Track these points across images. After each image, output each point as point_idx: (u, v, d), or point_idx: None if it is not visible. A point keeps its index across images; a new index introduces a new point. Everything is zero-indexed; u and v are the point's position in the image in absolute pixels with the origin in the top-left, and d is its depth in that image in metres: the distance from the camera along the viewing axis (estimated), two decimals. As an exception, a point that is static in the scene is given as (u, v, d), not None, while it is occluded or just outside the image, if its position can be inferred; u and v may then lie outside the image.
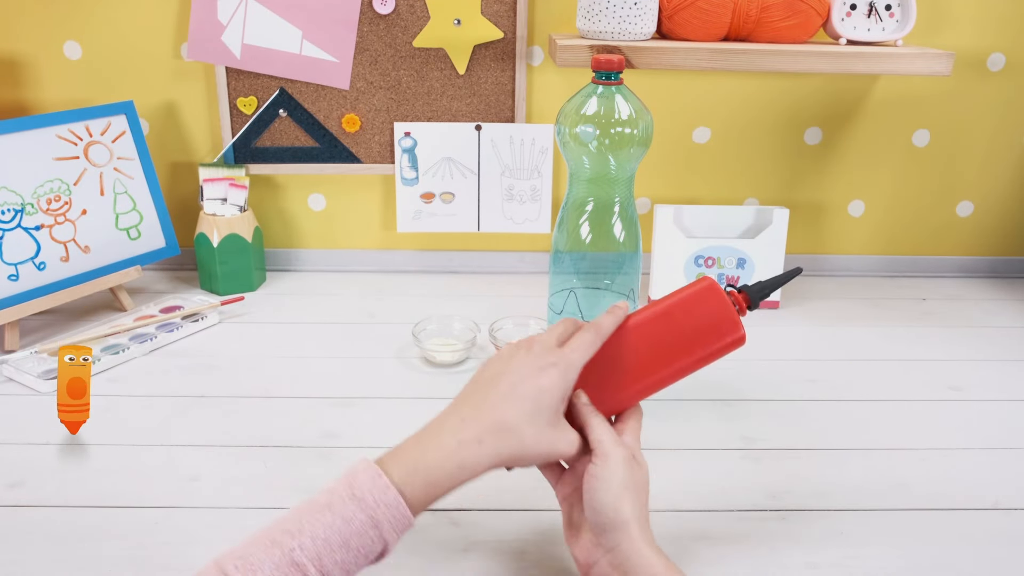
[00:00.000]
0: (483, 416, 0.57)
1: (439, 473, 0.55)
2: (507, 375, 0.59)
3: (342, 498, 0.52)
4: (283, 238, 1.28)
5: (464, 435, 0.56)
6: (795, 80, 1.20)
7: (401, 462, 0.55)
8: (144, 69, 1.18)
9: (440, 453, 0.55)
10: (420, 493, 0.54)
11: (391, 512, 0.53)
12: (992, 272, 1.32)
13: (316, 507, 0.52)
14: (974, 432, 0.86)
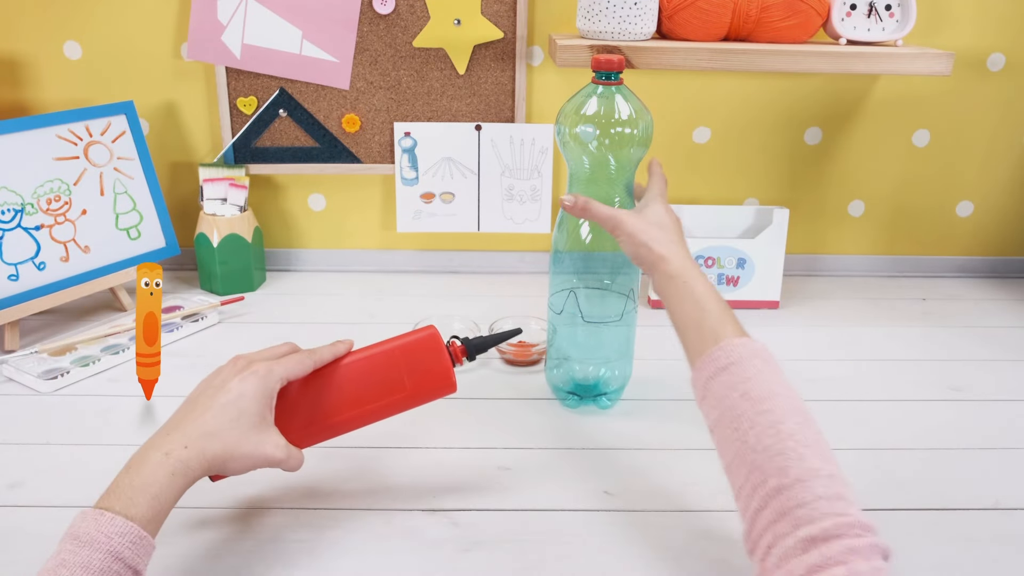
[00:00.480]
0: (186, 426, 0.60)
1: (156, 486, 0.56)
2: (210, 388, 0.64)
3: (72, 551, 0.51)
4: (283, 238, 1.28)
5: (169, 446, 0.59)
6: (795, 80, 1.20)
7: (116, 493, 0.55)
8: (144, 69, 1.18)
9: (150, 468, 0.57)
10: (147, 511, 0.55)
11: (127, 539, 0.52)
12: (992, 272, 1.32)
13: (49, 570, 0.51)
14: (974, 432, 0.86)
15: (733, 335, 0.65)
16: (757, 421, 0.58)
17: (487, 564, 0.66)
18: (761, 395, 0.59)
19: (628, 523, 0.71)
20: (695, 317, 0.68)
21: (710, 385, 0.63)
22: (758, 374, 0.61)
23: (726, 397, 0.61)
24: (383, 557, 0.66)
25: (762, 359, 0.63)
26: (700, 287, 0.69)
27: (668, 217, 0.77)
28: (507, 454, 0.81)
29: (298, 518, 0.71)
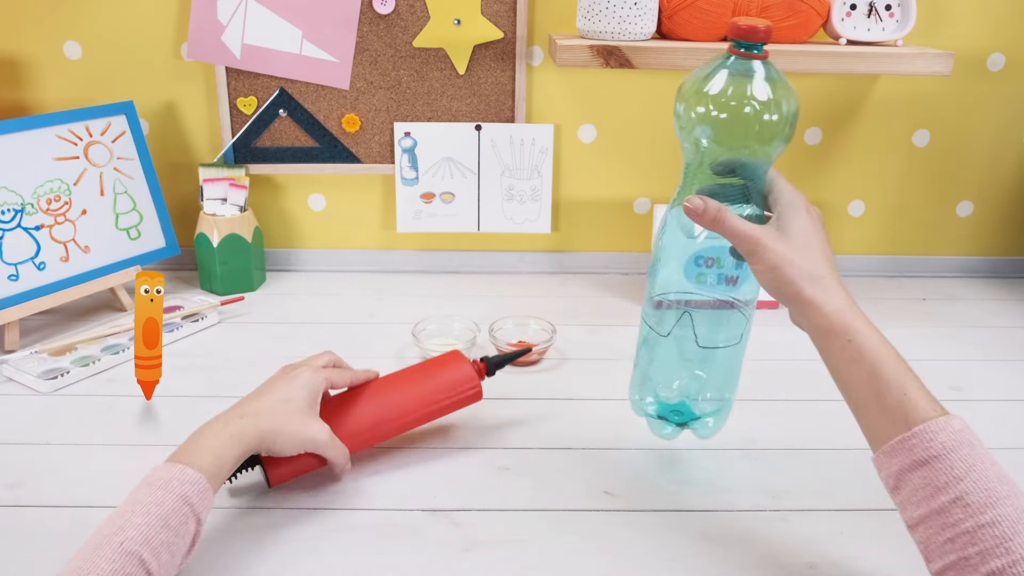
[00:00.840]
0: (243, 406, 0.70)
1: (217, 448, 0.65)
2: (263, 386, 0.73)
3: (147, 493, 0.59)
4: (283, 238, 1.28)
5: (228, 418, 0.68)
6: (795, 80, 1.20)
7: (182, 452, 0.64)
8: (144, 69, 1.18)
9: (212, 433, 0.67)
10: (209, 466, 0.63)
11: (194, 487, 0.60)
12: (992, 272, 1.32)
13: (126, 509, 0.58)
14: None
15: (926, 414, 0.55)
16: (980, 537, 0.50)
17: (487, 564, 0.66)
18: (981, 502, 0.50)
19: (628, 523, 0.71)
20: (871, 388, 0.57)
21: (906, 478, 0.54)
22: (970, 471, 0.52)
23: (932, 499, 0.52)
24: (383, 557, 0.66)
25: (969, 445, 0.53)
26: (870, 345, 0.57)
27: (816, 236, 0.62)
28: (507, 454, 0.81)
29: (298, 518, 0.71)
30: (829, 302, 0.60)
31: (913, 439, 0.54)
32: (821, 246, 0.62)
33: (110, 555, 0.54)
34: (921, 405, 0.55)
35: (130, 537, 0.55)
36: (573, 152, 1.24)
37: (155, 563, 0.55)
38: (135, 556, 0.54)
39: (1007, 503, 0.50)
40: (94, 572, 0.53)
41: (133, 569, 0.54)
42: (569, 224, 1.28)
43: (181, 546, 0.59)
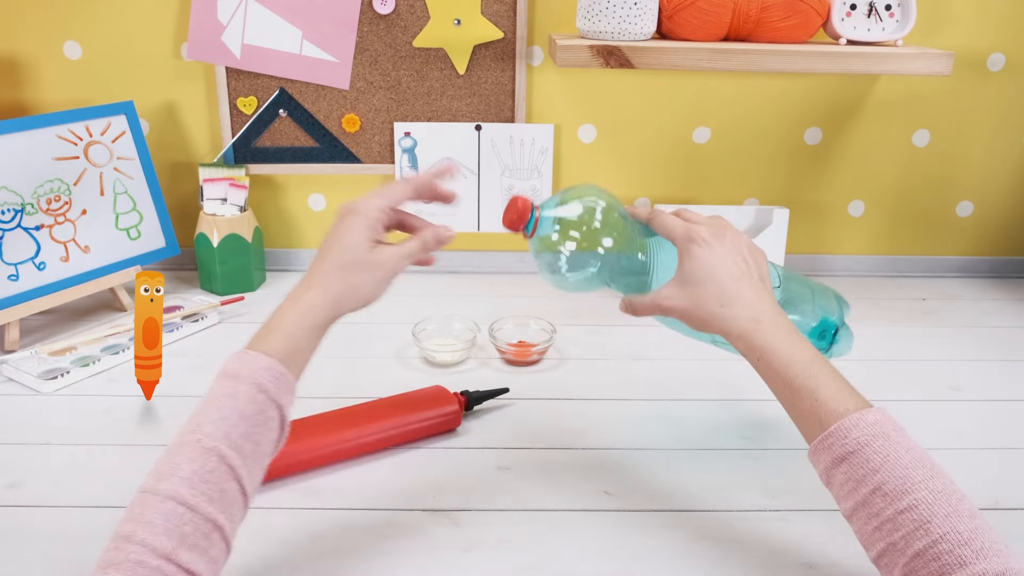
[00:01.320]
0: (309, 275, 0.65)
1: (286, 325, 0.62)
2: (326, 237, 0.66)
3: (221, 385, 0.58)
4: (283, 238, 1.28)
5: (295, 292, 0.64)
6: (795, 80, 1.20)
7: (258, 339, 0.61)
8: (144, 69, 1.18)
9: (280, 313, 0.63)
10: (280, 346, 0.60)
11: (268, 373, 0.58)
12: (992, 272, 1.32)
13: (203, 405, 0.57)
14: (974, 432, 0.86)
15: (839, 412, 0.58)
16: (901, 522, 0.53)
17: (487, 564, 0.66)
18: (898, 490, 0.54)
19: (628, 523, 0.71)
20: (786, 398, 0.62)
21: (832, 475, 0.58)
22: (885, 461, 0.55)
23: (855, 491, 0.56)
24: (383, 557, 0.66)
25: (883, 436, 0.56)
26: (777, 360, 0.62)
27: (711, 262, 0.65)
28: (507, 454, 0.81)
29: (298, 518, 0.70)
30: (732, 329, 0.64)
31: (830, 438, 0.58)
32: (722, 268, 0.65)
33: (190, 454, 0.53)
34: (832, 407, 0.59)
35: (207, 434, 0.54)
36: (573, 152, 1.24)
37: (237, 457, 0.54)
38: (215, 452, 0.53)
39: (922, 487, 0.53)
40: (176, 472, 0.52)
41: (214, 465, 0.53)
42: (569, 224, 1.28)
43: (266, 435, 0.57)
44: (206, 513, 0.51)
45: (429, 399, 0.84)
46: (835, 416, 0.58)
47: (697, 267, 0.66)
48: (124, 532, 0.50)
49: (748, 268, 0.67)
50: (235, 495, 0.54)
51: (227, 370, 0.59)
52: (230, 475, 0.54)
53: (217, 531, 0.52)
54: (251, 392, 0.57)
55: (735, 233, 0.69)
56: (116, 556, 0.49)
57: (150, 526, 0.50)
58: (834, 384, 0.60)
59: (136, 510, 0.51)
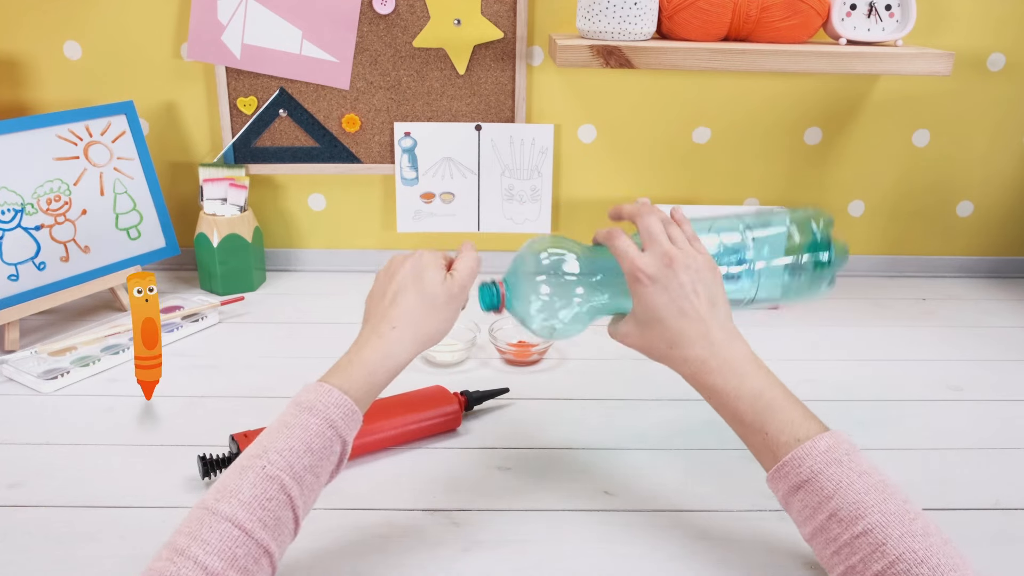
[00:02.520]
0: (389, 312, 0.66)
1: (372, 364, 0.63)
2: (397, 277, 0.68)
3: (294, 414, 0.59)
4: (283, 238, 1.28)
5: (381, 329, 0.65)
6: (795, 80, 1.20)
7: (337, 372, 0.63)
8: (144, 69, 1.18)
9: (366, 350, 0.64)
10: (360, 387, 0.62)
11: (341, 410, 0.60)
12: (992, 272, 1.32)
13: (273, 430, 0.58)
14: (974, 432, 0.86)
15: (790, 443, 0.59)
16: (858, 546, 0.54)
17: (487, 564, 0.66)
18: (852, 515, 0.55)
19: (628, 523, 0.71)
20: (740, 431, 0.64)
21: (790, 502, 0.60)
22: (838, 488, 0.56)
23: (812, 518, 0.58)
24: (383, 557, 0.66)
25: (836, 462, 0.57)
26: (725, 398, 0.64)
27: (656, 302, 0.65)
28: (507, 454, 0.81)
29: (298, 518, 0.70)
30: (682, 370, 0.66)
31: (784, 468, 0.59)
32: (666, 308, 0.65)
33: (252, 479, 0.55)
34: (783, 439, 0.60)
35: (272, 461, 0.56)
36: (573, 152, 1.24)
37: (296, 488, 0.56)
38: (277, 480, 0.55)
39: (875, 511, 0.55)
40: (237, 495, 0.54)
41: (275, 493, 0.55)
42: (569, 224, 1.28)
43: (326, 467, 0.59)
44: (260, 539, 0.53)
45: (429, 399, 0.84)
46: (787, 448, 0.60)
47: (642, 309, 0.66)
48: (179, 545, 0.52)
49: (695, 299, 0.65)
50: (288, 523, 0.56)
51: (302, 400, 0.60)
52: (288, 504, 0.56)
53: (266, 556, 0.54)
54: (322, 427, 0.59)
55: (683, 261, 0.66)
56: (168, 568, 0.50)
57: (205, 544, 0.51)
58: (785, 414, 0.61)
59: (193, 525, 0.53)
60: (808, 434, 0.59)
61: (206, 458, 0.74)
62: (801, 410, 0.62)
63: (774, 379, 0.64)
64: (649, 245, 0.67)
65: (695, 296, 0.65)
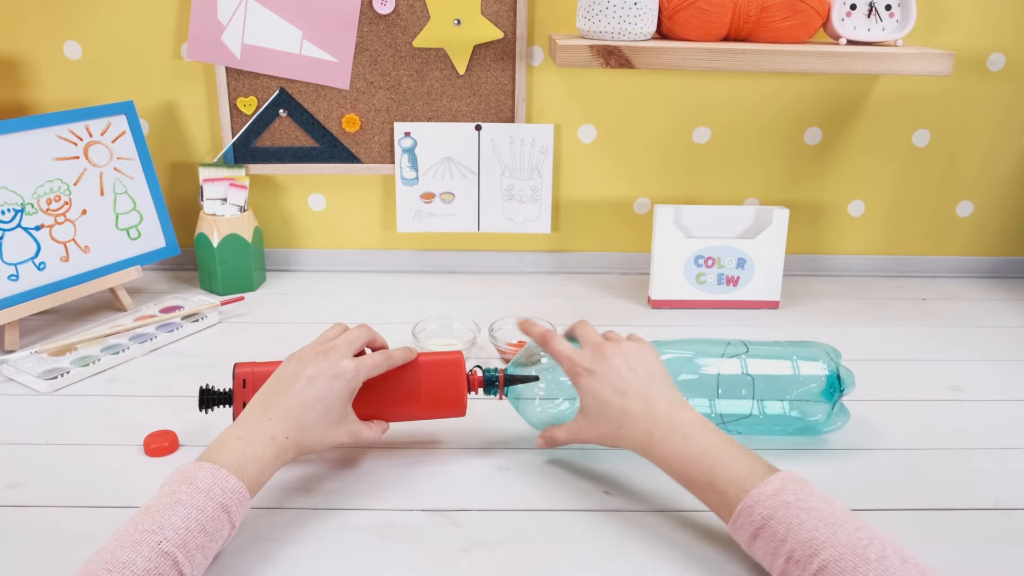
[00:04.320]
0: (287, 418, 0.69)
1: (262, 463, 0.66)
2: (303, 378, 0.70)
3: (189, 494, 0.60)
4: (283, 238, 1.28)
5: (274, 432, 0.68)
6: (795, 80, 1.20)
7: (230, 456, 0.64)
8: (144, 69, 1.18)
9: (259, 448, 0.67)
10: (253, 479, 0.65)
11: (236, 497, 0.62)
12: (992, 272, 1.32)
13: (166, 505, 0.59)
14: (974, 432, 0.86)
15: (739, 495, 0.62)
16: None
17: (487, 564, 0.66)
18: (807, 555, 0.57)
19: (628, 523, 0.71)
20: (694, 492, 0.67)
21: (752, 551, 0.62)
22: (789, 531, 0.58)
23: (773, 564, 0.60)
24: (383, 557, 0.66)
25: (784, 505, 0.59)
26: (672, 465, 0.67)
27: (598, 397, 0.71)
28: (507, 454, 0.81)
29: (297, 518, 0.71)
30: (632, 446, 0.70)
31: (739, 519, 0.62)
32: (608, 391, 0.70)
33: (147, 553, 0.55)
34: (732, 493, 0.62)
35: (168, 538, 0.56)
36: (573, 152, 1.24)
37: (188, 566, 0.57)
38: (170, 557, 0.56)
39: (827, 546, 0.56)
40: (130, 568, 0.54)
41: (167, 570, 0.55)
42: (569, 224, 1.28)
43: (214, 549, 0.61)
44: None
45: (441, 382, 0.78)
46: (737, 499, 0.62)
47: (588, 400, 0.72)
48: None
49: (633, 376, 0.70)
50: None
51: (198, 480, 0.61)
52: None
53: None
54: (217, 512, 0.60)
55: (615, 348, 0.72)
56: None
57: None
58: (732, 467, 0.64)
59: None
60: (756, 482, 0.62)
61: (206, 389, 0.76)
62: (749, 459, 0.64)
63: (721, 436, 0.67)
64: (584, 344, 0.74)
65: (632, 374, 0.71)
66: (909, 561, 0.55)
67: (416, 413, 0.79)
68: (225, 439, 0.67)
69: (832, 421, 0.81)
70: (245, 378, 0.75)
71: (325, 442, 0.71)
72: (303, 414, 0.69)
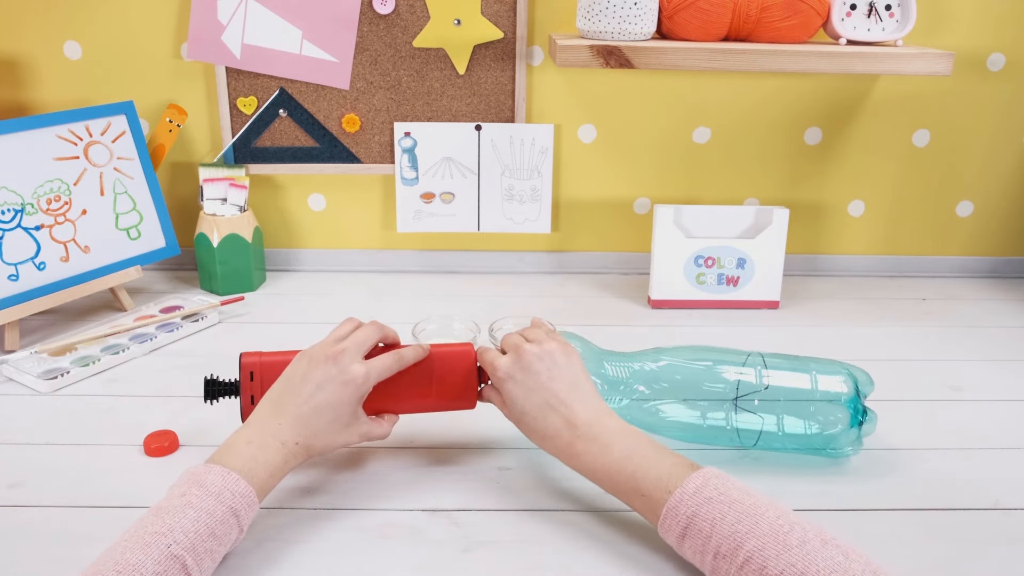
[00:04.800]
0: (297, 424, 0.69)
1: (272, 467, 0.66)
2: (313, 383, 0.70)
3: (199, 496, 0.60)
4: (283, 238, 1.28)
5: (284, 437, 0.68)
6: (795, 80, 1.20)
7: (240, 460, 0.64)
8: (144, 69, 1.18)
9: (270, 452, 0.67)
10: (262, 483, 0.65)
11: (245, 501, 0.62)
12: (992, 272, 1.32)
13: (175, 507, 0.59)
14: (974, 432, 0.86)
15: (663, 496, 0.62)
16: None
17: (487, 564, 0.66)
18: (731, 549, 0.58)
19: (628, 523, 0.71)
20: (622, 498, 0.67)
21: (682, 551, 0.62)
22: (714, 526, 0.59)
23: (703, 562, 0.60)
24: (383, 557, 0.66)
25: (707, 501, 0.60)
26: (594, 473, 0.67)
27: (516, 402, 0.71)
28: (507, 454, 0.81)
29: (298, 518, 0.71)
30: (558, 457, 0.70)
31: (665, 521, 0.62)
32: (526, 401, 0.70)
33: (156, 556, 0.55)
34: (657, 496, 0.63)
35: (177, 541, 0.57)
36: (573, 152, 1.24)
37: (197, 570, 0.57)
38: (180, 560, 0.56)
39: (750, 537, 0.57)
40: (139, 570, 0.54)
41: (175, 573, 0.56)
42: (569, 224, 1.28)
43: (221, 552, 0.61)
44: None
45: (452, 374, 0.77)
46: (662, 503, 0.62)
47: (510, 406, 0.72)
48: None
49: (554, 385, 0.70)
50: None
51: (209, 483, 0.61)
52: None
53: None
54: (227, 516, 0.60)
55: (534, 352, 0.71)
56: None
57: None
58: (655, 470, 0.64)
59: None
60: (678, 482, 0.62)
61: (211, 380, 0.75)
62: (671, 460, 0.64)
63: (641, 439, 0.67)
64: (509, 351, 0.73)
65: (552, 383, 0.70)
66: (830, 543, 0.56)
67: (427, 405, 0.77)
68: (235, 442, 0.66)
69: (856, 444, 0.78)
70: (252, 370, 0.74)
71: (335, 444, 0.71)
72: (313, 420, 0.69)
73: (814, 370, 0.78)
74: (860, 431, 0.76)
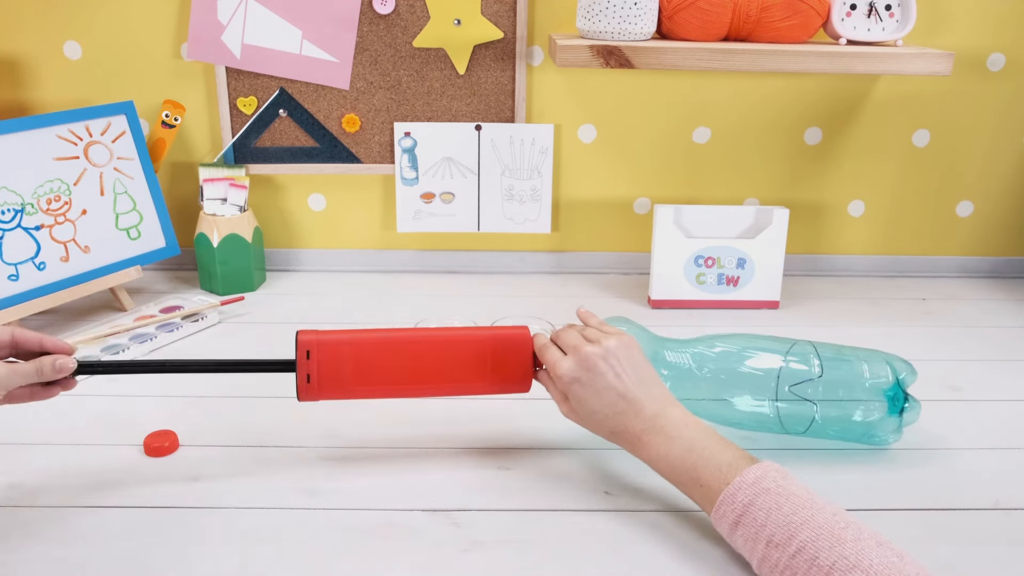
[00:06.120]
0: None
1: None
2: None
3: None
4: (283, 238, 1.28)
5: None
6: (795, 80, 1.20)
7: None
8: (144, 69, 1.18)
9: None
10: None
11: None
12: (992, 272, 1.32)
13: None
14: (974, 432, 0.86)
15: (721, 485, 0.63)
16: (796, 566, 0.57)
17: (487, 564, 0.66)
18: (785, 538, 0.58)
19: (628, 523, 0.71)
20: (682, 488, 0.68)
21: (733, 539, 0.63)
22: (768, 515, 0.60)
23: (754, 549, 0.61)
24: (383, 557, 0.66)
25: (764, 492, 0.61)
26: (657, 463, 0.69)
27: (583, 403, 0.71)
28: (507, 454, 0.81)
29: (298, 518, 0.71)
30: (624, 447, 0.71)
31: (722, 508, 0.63)
32: (595, 401, 0.71)
33: None
34: (716, 487, 0.64)
35: None
36: (573, 152, 1.24)
37: None
38: None
39: (804, 528, 0.58)
40: None
41: None
42: (569, 224, 1.28)
43: None
44: None
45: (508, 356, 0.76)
46: (719, 490, 0.63)
47: (577, 407, 0.72)
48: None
49: (620, 384, 0.70)
50: None
51: None
52: None
53: None
54: None
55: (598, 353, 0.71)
56: None
57: None
58: (716, 460, 0.65)
59: None
60: (736, 472, 0.63)
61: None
62: (732, 452, 0.66)
63: (707, 431, 0.68)
64: (569, 352, 0.72)
65: (619, 381, 0.70)
66: (885, 545, 0.56)
67: (482, 388, 0.77)
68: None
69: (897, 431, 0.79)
70: (309, 348, 0.73)
71: None
72: None
73: (861, 359, 0.79)
74: (901, 420, 0.78)
